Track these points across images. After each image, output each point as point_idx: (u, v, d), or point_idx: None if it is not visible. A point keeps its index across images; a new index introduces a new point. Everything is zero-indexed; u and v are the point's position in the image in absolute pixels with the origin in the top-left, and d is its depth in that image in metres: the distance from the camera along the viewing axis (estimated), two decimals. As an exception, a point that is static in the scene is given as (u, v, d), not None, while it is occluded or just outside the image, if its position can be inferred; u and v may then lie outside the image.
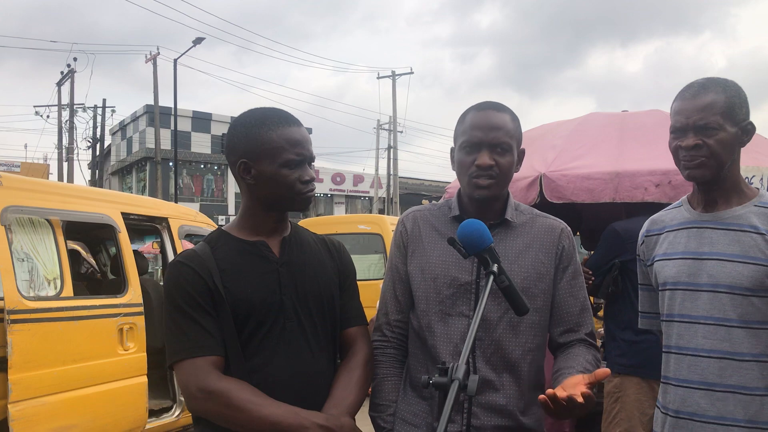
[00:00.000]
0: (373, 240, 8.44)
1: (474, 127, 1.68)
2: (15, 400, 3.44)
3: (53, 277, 3.96)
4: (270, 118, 1.61)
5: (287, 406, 1.50)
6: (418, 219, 1.81)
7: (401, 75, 33.09)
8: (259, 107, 1.67)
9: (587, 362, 1.65)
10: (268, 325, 1.57)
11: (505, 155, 1.67)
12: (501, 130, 1.67)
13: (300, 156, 1.59)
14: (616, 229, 3.16)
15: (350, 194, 38.31)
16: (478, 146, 1.67)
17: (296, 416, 1.48)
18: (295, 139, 1.59)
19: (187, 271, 1.56)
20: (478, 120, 1.69)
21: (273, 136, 1.57)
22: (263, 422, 1.47)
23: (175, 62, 23.33)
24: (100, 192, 5.22)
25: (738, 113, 1.67)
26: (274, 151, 1.57)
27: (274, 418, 1.47)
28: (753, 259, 1.64)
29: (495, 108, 1.72)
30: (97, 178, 29.24)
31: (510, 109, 1.74)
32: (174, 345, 1.54)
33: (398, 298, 1.80)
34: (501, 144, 1.66)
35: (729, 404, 1.64)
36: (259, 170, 1.58)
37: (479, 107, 1.73)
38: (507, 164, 1.68)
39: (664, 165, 3.26)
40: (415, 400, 1.73)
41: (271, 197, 1.61)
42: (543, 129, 4.53)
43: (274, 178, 1.58)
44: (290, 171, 1.58)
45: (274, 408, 1.48)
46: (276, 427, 1.47)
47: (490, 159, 1.66)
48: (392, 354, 1.80)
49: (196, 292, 1.54)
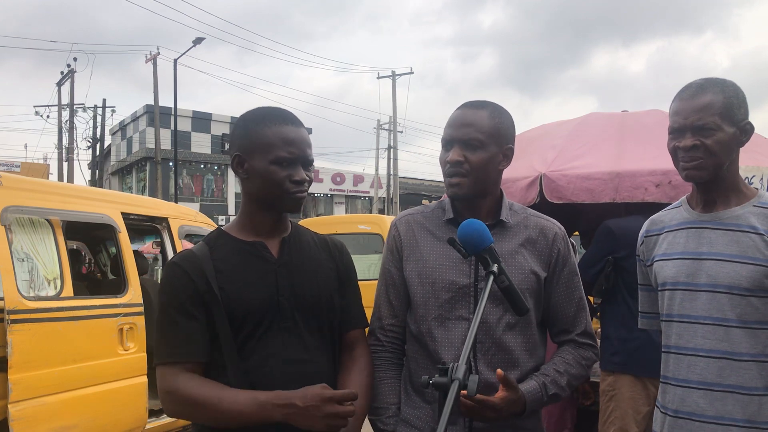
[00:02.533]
0: (373, 240, 8.43)
1: (448, 125, 1.71)
2: (15, 400, 3.44)
3: (53, 277, 3.96)
4: (269, 115, 1.62)
5: (246, 395, 1.48)
6: (412, 223, 1.80)
7: (401, 75, 33.13)
8: (264, 106, 1.69)
9: (563, 362, 1.70)
10: (265, 326, 1.57)
11: (475, 151, 1.66)
12: (472, 127, 1.67)
13: (292, 155, 1.58)
14: (610, 226, 3.16)
15: (350, 194, 38.29)
16: (450, 143, 1.69)
17: (258, 406, 1.46)
18: (290, 138, 1.58)
19: (178, 273, 1.57)
20: (452, 118, 1.72)
21: (267, 133, 1.58)
22: (227, 416, 1.47)
23: (175, 62, 23.34)
24: (100, 192, 5.22)
25: (736, 113, 1.67)
26: (266, 147, 1.57)
27: (236, 409, 1.46)
28: (752, 260, 1.64)
29: (473, 106, 1.73)
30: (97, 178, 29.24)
31: (496, 106, 1.73)
32: (156, 348, 1.58)
33: (392, 302, 1.80)
34: (470, 140, 1.66)
35: (728, 404, 1.64)
36: (251, 165, 1.59)
37: (459, 106, 1.75)
38: (478, 160, 1.66)
39: (665, 165, 3.26)
40: (419, 404, 1.73)
41: (261, 194, 1.61)
42: (543, 129, 4.53)
43: (263, 175, 1.58)
44: (280, 168, 1.57)
45: (234, 398, 1.47)
46: (241, 418, 1.47)
47: (460, 155, 1.66)
48: (387, 357, 1.80)
49: (184, 295, 1.54)
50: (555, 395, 1.66)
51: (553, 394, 1.65)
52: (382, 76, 33.30)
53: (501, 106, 1.75)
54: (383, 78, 33.26)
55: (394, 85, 32.78)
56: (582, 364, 1.72)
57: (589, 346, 1.75)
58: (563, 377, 1.68)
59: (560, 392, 1.67)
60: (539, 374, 1.67)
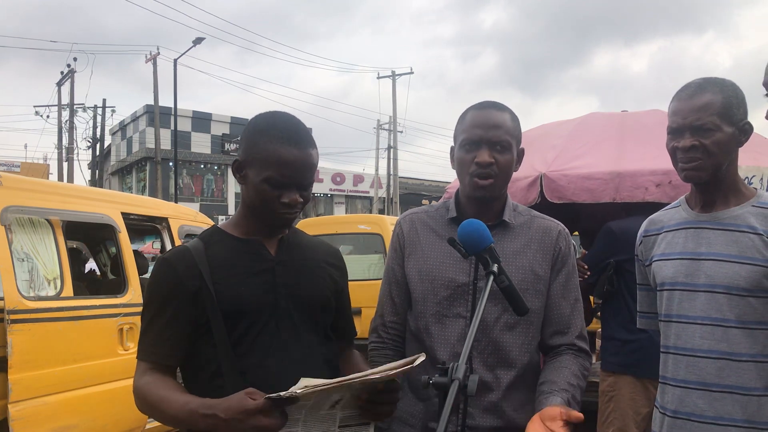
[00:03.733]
0: (373, 240, 8.42)
1: (474, 125, 1.70)
2: (15, 400, 3.44)
3: (53, 277, 3.96)
4: (275, 129, 1.55)
5: (183, 399, 1.45)
6: (415, 221, 1.81)
7: (401, 75, 33.15)
8: (281, 113, 1.62)
9: (573, 376, 1.66)
10: (262, 325, 1.55)
11: (504, 153, 1.68)
12: (501, 129, 1.68)
13: (284, 178, 1.52)
14: (612, 228, 3.16)
15: (350, 194, 38.30)
16: (478, 144, 1.68)
17: (188, 413, 1.42)
18: (287, 161, 1.51)
19: (164, 270, 1.55)
20: (478, 118, 1.71)
21: (267, 148, 1.52)
22: (168, 419, 1.48)
23: (175, 62, 23.36)
24: (100, 192, 5.22)
25: (735, 113, 1.67)
26: (261, 163, 1.53)
27: (171, 414, 1.45)
28: (750, 260, 1.64)
29: (495, 107, 1.73)
30: (97, 178, 29.26)
31: (510, 108, 1.75)
32: (138, 344, 1.59)
33: (394, 300, 1.81)
34: (501, 142, 1.67)
35: (727, 404, 1.64)
36: (246, 174, 1.57)
37: (480, 106, 1.75)
38: (506, 162, 1.68)
39: (665, 165, 3.25)
40: (413, 401, 1.74)
41: (252, 204, 1.58)
42: (543, 129, 4.53)
43: (254, 188, 1.55)
44: (271, 189, 1.52)
45: (173, 402, 1.45)
46: (177, 423, 1.47)
47: (490, 157, 1.66)
48: (389, 355, 1.80)
49: (166, 292, 1.54)
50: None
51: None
52: (382, 76, 33.34)
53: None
54: (383, 78, 33.31)
55: (394, 85, 32.82)
56: (585, 375, 1.71)
57: (586, 354, 1.74)
58: (578, 391, 1.65)
59: (576, 407, 1.64)
60: (561, 391, 1.61)
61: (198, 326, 1.53)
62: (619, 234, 3.07)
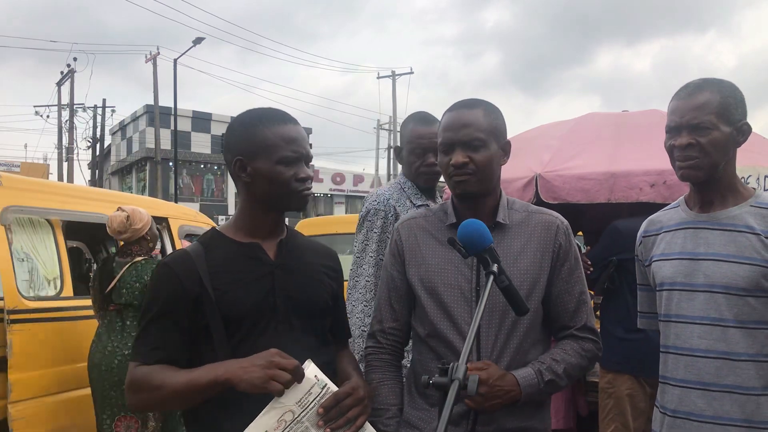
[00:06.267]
0: (372, 240, 8.40)
1: (446, 129, 1.71)
2: (15, 400, 3.43)
3: (53, 277, 3.97)
4: (266, 116, 1.61)
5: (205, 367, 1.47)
6: (414, 227, 1.81)
7: (401, 75, 33.13)
8: (257, 107, 1.68)
9: (561, 351, 1.69)
10: (261, 328, 1.56)
11: (479, 150, 1.67)
12: (471, 127, 1.68)
13: (296, 153, 1.58)
14: (618, 227, 3.17)
15: (350, 194, 38.27)
16: (452, 146, 1.69)
17: (206, 369, 1.45)
18: (291, 137, 1.59)
19: (166, 276, 1.56)
20: (448, 120, 1.72)
21: (268, 134, 1.57)
22: (179, 390, 1.47)
23: (175, 62, 23.35)
24: (100, 192, 5.23)
25: (733, 113, 1.68)
26: (269, 149, 1.57)
27: (183, 381, 1.46)
28: (748, 260, 1.65)
29: (466, 106, 1.73)
30: (97, 178, 29.23)
31: (485, 103, 1.74)
32: (132, 347, 1.60)
33: (393, 306, 1.80)
34: (472, 140, 1.67)
35: (726, 404, 1.65)
36: (254, 168, 1.58)
37: (451, 108, 1.75)
38: (483, 159, 1.68)
39: (659, 165, 3.28)
40: (423, 406, 1.73)
41: (268, 195, 1.60)
42: (539, 130, 4.56)
43: (269, 176, 1.57)
44: (286, 168, 1.57)
45: (183, 373, 1.48)
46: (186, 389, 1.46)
47: (464, 157, 1.66)
48: (387, 359, 1.80)
49: (168, 298, 1.54)
50: (552, 382, 1.64)
51: (549, 381, 1.63)
52: (382, 76, 33.32)
53: (490, 102, 1.76)
54: (383, 78, 33.30)
55: (394, 85, 32.80)
56: (581, 354, 1.70)
57: (589, 339, 1.74)
58: (560, 365, 1.66)
59: (557, 380, 1.65)
60: (534, 362, 1.65)
61: (198, 331, 1.54)
62: (625, 233, 3.08)
